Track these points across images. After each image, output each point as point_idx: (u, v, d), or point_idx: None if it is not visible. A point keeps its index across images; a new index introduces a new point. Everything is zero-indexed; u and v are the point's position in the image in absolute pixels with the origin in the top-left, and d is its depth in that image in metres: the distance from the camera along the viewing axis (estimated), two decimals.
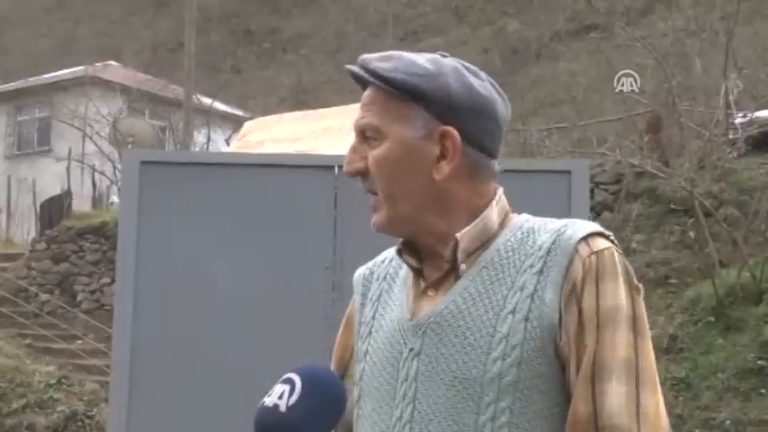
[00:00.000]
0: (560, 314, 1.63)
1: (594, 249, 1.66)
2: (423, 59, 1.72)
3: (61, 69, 26.78)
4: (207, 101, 24.23)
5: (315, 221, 4.47)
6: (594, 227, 1.70)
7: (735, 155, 13.55)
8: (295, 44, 34.11)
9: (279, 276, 4.46)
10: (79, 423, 12.97)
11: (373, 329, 1.82)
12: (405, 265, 1.81)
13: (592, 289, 1.63)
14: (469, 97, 1.70)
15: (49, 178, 22.51)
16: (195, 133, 22.81)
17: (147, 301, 4.39)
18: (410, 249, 1.78)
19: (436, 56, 1.75)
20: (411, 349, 1.71)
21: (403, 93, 1.69)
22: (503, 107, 1.76)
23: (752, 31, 18.82)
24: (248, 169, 4.67)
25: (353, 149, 1.75)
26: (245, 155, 8.58)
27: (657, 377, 1.63)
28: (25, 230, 21.18)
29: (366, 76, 1.71)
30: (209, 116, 23.30)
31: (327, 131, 14.27)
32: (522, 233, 1.72)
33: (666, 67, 13.98)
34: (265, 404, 1.71)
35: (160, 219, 4.49)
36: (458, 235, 1.70)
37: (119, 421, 4.34)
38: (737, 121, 14.38)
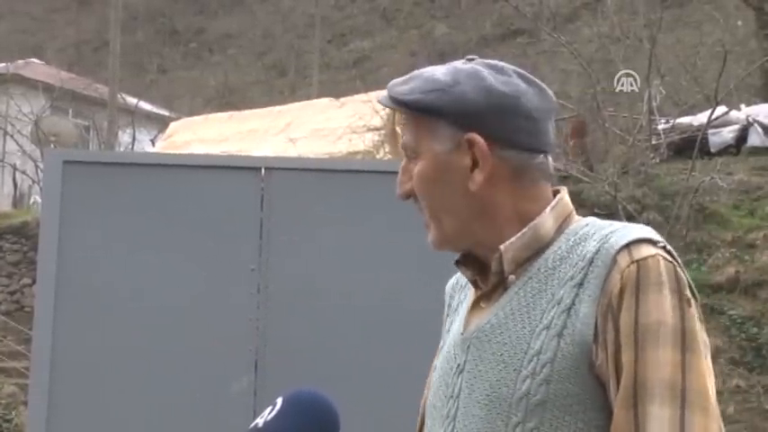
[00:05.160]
0: (596, 331, 1.52)
1: (636, 258, 1.53)
2: (441, 72, 1.68)
3: None
4: (132, 100, 23.97)
5: (241, 223, 4.44)
6: (642, 232, 1.58)
7: (657, 160, 13.78)
8: (222, 45, 33.93)
9: (204, 278, 4.42)
10: None
11: (444, 343, 1.78)
12: None
13: (630, 303, 1.51)
14: (488, 99, 1.63)
15: None
16: (120, 133, 22.56)
17: (68, 303, 4.32)
18: (470, 260, 1.71)
19: (458, 63, 1.71)
20: (458, 365, 1.66)
21: (423, 112, 1.65)
22: (535, 97, 1.67)
23: (674, 38, 19.14)
24: (174, 170, 4.62)
25: (402, 170, 1.71)
26: (171, 155, 8.50)
27: (711, 397, 1.49)
28: None
29: (390, 104, 1.69)
30: (135, 116, 23.04)
31: (253, 133, 14.18)
32: (575, 240, 1.62)
33: (591, 73, 14.18)
34: (250, 426, 1.90)
35: (83, 219, 4.42)
36: (501, 247, 1.62)
37: (38, 425, 4.27)
38: (660, 127, 14.63)
